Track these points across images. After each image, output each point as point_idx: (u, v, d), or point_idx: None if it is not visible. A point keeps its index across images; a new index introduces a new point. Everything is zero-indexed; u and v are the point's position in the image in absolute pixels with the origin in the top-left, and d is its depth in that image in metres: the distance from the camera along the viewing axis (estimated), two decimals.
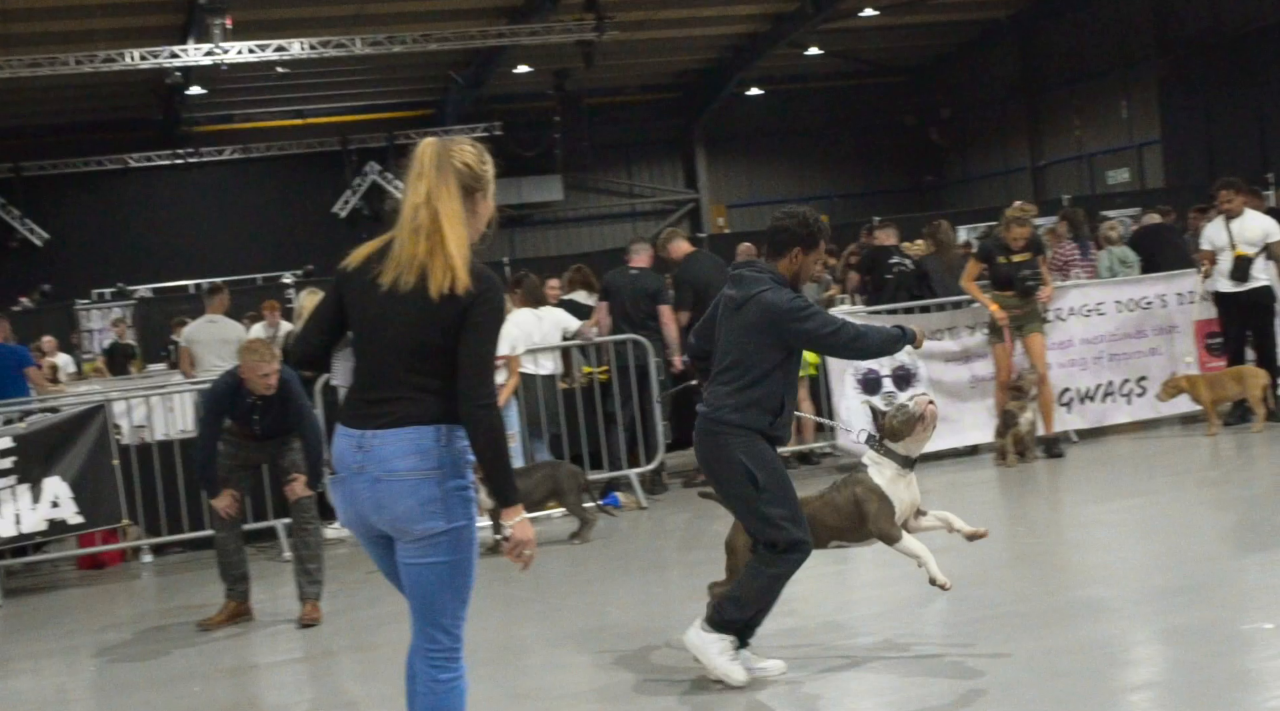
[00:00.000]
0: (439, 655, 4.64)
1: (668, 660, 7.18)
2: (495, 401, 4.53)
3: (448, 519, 4.51)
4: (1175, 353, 13.50)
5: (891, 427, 6.88)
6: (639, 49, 34.79)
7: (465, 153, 4.61)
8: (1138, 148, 36.21)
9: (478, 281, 4.48)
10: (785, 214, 6.73)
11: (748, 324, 6.50)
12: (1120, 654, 6.52)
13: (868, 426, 7.10)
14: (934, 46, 41.11)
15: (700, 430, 6.67)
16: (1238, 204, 13.02)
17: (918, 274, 14.26)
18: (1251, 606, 7.02)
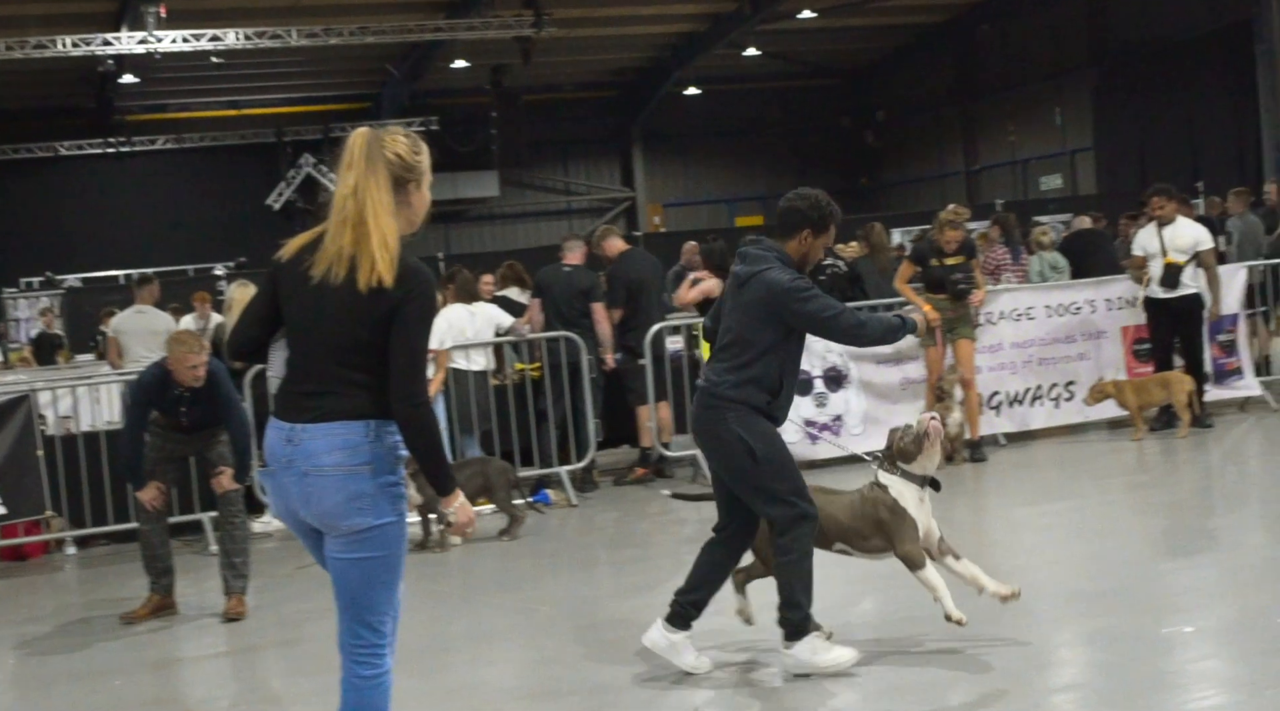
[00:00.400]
0: (363, 651, 4.61)
1: (595, 656, 7.18)
2: (427, 400, 4.51)
3: (376, 515, 4.49)
4: (1103, 358, 13.63)
5: (902, 450, 6.84)
6: (577, 46, 34.77)
7: (397, 143, 4.57)
8: (1071, 154, 36.56)
9: (408, 276, 4.45)
10: (797, 195, 6.73)
11: (749, 301, 6.50)
12: (1043, 656, 6.56)
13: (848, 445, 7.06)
14: (871, 50, 41.32)
15: (698, 405, 6.66)
16: (1170, 211, 13.15)
17: (850, 276, 14.30)
18: (1173, 610, 7.10)
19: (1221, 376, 13.95)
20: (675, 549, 10.28)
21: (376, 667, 4.62)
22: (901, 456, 6.83)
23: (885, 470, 6.86)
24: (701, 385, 6.66)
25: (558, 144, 41.05)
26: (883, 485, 6.84)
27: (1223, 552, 8.68)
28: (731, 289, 6.66)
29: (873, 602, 8.06)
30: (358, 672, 4.61)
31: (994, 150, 39.64)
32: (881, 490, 6.83)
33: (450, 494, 4.60)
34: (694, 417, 6.71)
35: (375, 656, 4.62)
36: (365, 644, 4.60)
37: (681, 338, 13.40)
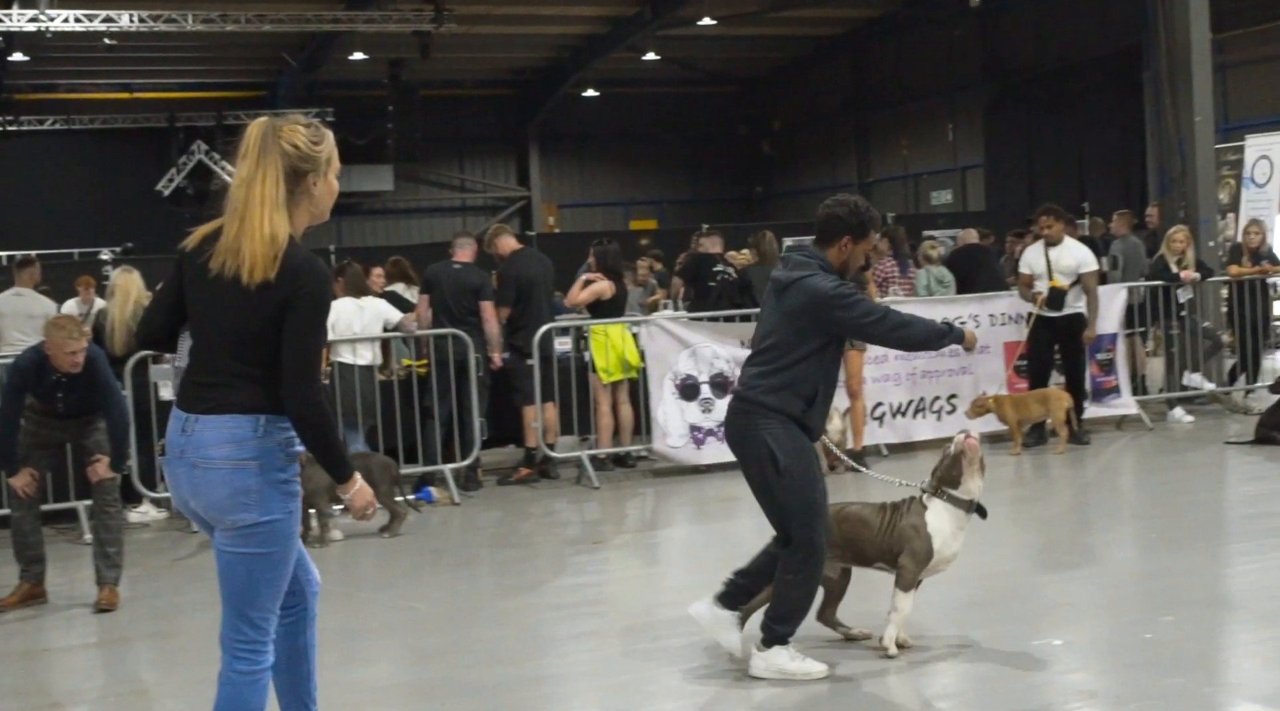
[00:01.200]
0: (243, 647, 4.58)
1: (473, 656, 7.16)
2: (319, 399, 4.48)
3: (262, 511, 4.46)
4: (985, 372, 13.81)
5: (945, 475, 6.85)
6: (477, 43, 34.63)
7: (296, 133, 4.53)
8: (961, 170, 37.01)
9: (298, 272, 4.41)
10: (836, 202, 6.67)
11: (790, 308, 6.44)
12: (917, 666, 6.63)
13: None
14: (769, 59, 41.56)
15: (732, 409, 6.61)
16: (1057, 230, 13.34)
17: (740, 283, 14.40)
18: (1045, 622, 7.21)
19: (1099, 394, 14.19)
20: (557, 550, 10.30)
21: (255, 664, 4.59)
22: (947, 481, 6.83)
23: (931, 494, 6.87)
24: (736, 389, 6.62)
25: (454, 140, 40.85)
26: (923, 504, 6.87)
27: (1095, 568, 8.82)
28: (771, 294, 6.61)
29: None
30: (236, 667, 4.58)
31: (886, 163, 40.03)
32: (919, 510, 6.85)
33: (347, 480, 4.61)
34: (728, 422, 6.64)
35: (255, 653, 4.58)
36: (246, 640, 4.57)
37: (570, 339, 13.40)
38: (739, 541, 10.46)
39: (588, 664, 7.05)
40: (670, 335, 12.85)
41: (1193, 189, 16.06)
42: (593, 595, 8.65)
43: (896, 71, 38.64)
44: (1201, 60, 16.10)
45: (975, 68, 35.75)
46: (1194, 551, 8.86)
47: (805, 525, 6.40)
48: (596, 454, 12.94)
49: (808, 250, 6.65)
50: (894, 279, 15.69)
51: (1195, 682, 6.08)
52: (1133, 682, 6.15)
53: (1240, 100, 28.90)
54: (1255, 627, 6.93)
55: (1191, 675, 6.18)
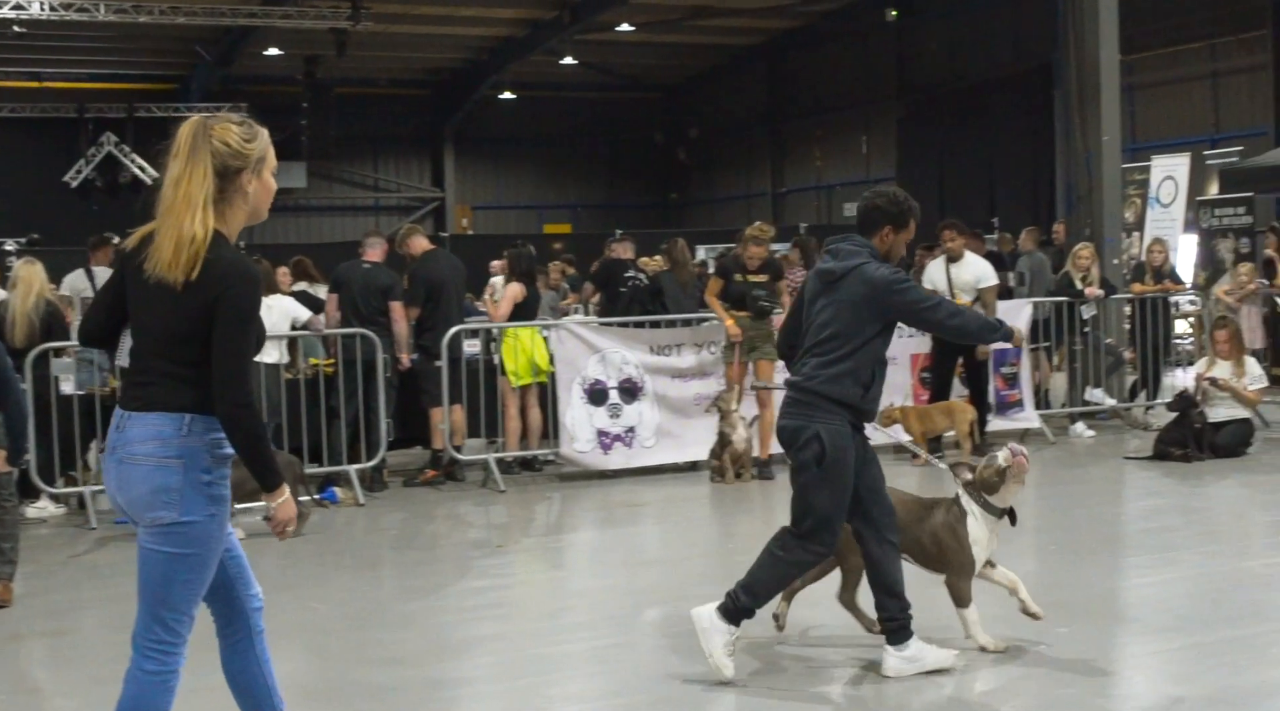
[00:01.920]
0: (153, 646, 4.55)
1: (374, 657, 7.13)
2: (250, 400, 4.45)
3: (181, 511, 4.43)
4: (891, 383, 13.88)
5: (984, 480, 6.89)
6: (394, 42, 34.49)
7: (228, 131, 4.51)
8: (874, 182, 37.18)
9: (226, 272, 4.41)
10: (875, 193, 6.71)
11: (847, 296, 6.45)
12: (814, 673, 6.68)
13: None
14: (687, 67, 41.70)
15: (790, 399, 6.59)
16: (959, 245, 13.49)
17: (652, 289, 14.45)
18: (941, 631, 7.27)
19: (1003, 408, 14.36)
20: (462, 553, 10.28)
21: (164, 665, 4.55)
22: (984, 487, 6.87)
23: (969, 496, 6.90)
24: (793, 380, 6.60)
25: (369, 139, 40.65)
26: (963, 511, 6.89)
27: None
28: (820, 285, 6.61)
29: (655, 613, 8.14)
30: (144, 666, 4.55)
31: (800, 174, 40.28)
32: (959, 517, 6.88)
33: (274, 489, 4.55)
34: (785, 410, 6.63)
35: (165, 653, 4.55)
36: (157, 639, 4.54)
37: (479, 341, 13.36)
38: (644, 546, 10.54)
39: (490, 667, 7.05)
40: (580, 340, 12.87)
41: (1099, 207, 16.31)
42: (496, 598, 8.65)
43: (812, 83, 38.90)
44: (1110, 81, 16.35)
45: (890, 81, 36.08)
46: (1091, 564, 8.99)
47: (822, 524, 6.46)
48: (503, 457, 12.93)
49: (855, 240, 6.65)
50: None
51: (1087, 693, 6.17)
52: (1026, 692, 6.24)
53: (1148, 121, 29.36)
54: (1148, 640, 7.04)
55: (1084, 686, 6.28)
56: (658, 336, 13.27)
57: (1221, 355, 13.33)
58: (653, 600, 8.42)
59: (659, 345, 13.16)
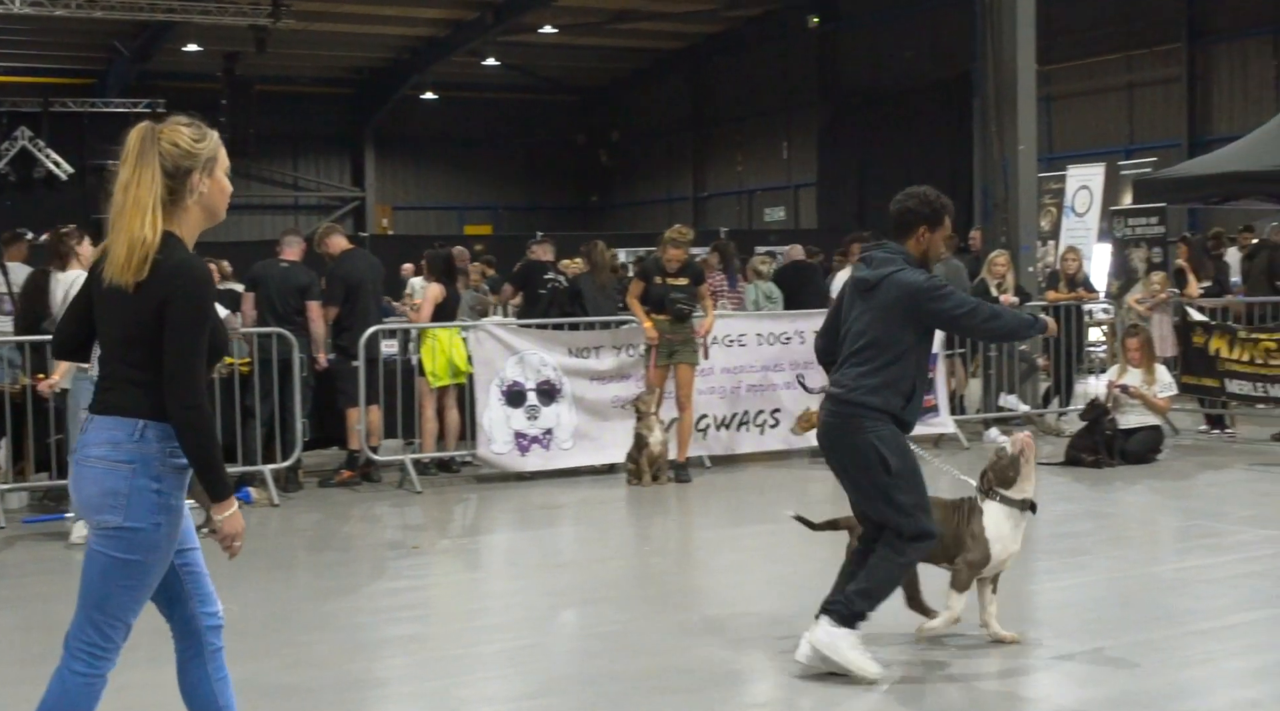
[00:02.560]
0: (83, 647, 4.51)
1: (285, 658, 7.09)
2: (200, 402, 4.40)
3: (126, 516, 4.39)
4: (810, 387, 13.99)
5: (1001, 475, 6.92)
6: (315, 40, 34.32)
7: (177, 132, 4.52)
8: (795, 188, 37.53)
9: (175, 273, 4.39)
10: (906, 195, 6.71)
11: (884, 304, 6.45)
12: (728, 676, 6.71)
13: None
14: (609, 70, 41.76)
15: (832, 412, 6.56)
16: None
17: (571, 291, 14.46)
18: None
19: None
20: (377, 554, 10.23)
21: (92, 668, 4.52)
22: (1001, 481, 6.91)
23: (984, 496, 6.95)
24: (834, 391, 6.57)
25: (289, 138, 40.41)
26: (978, 507, 6.94)
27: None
28: (856, 293, 6.61)
29: (571, 616, 8.15)
30: (72, 666, 4.52)
31: (722, 179, 40.45)
32: (976, 516, 6.93)
33: (221, 501, 4.50)
34: (826, 425, 6.61)
35: (94, 657, 4.51)
36: (88, 641, 4.51)
37: (397, 341, 13.31)
38: (560, 548, 10.54)
39: (405, 668, 7.02)
40: (498, 341, 12.85)
41: (1014, 215, 16.49)
42: (412, 599, 8.62)
43: (734, 88, 39.07)
44: (1027, 91, 16.53)
45: (811, 88, 36.30)
46: None
47: (919, 518, 6.49)
48: (420, 458, 12.88)
49: (891, 246, 6.66)
50: (723, 293, 15.85)
51: (996, 696, 6.25)
52: (936, 695, 6.30)
53: (1064, 131, 29.75)
54: (1057, 643, 7.12)
55: (994, 688, 6.34)
56: (576, 338, 13.28)
57: (1133, 363, 13.50)
58: (568, 602, 8.43)
59: (577, 347, 13.17)
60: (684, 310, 12.63)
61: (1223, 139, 24.29)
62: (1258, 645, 6.97)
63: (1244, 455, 13.76)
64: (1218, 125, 27.34)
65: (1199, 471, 12.78)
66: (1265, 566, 7.94)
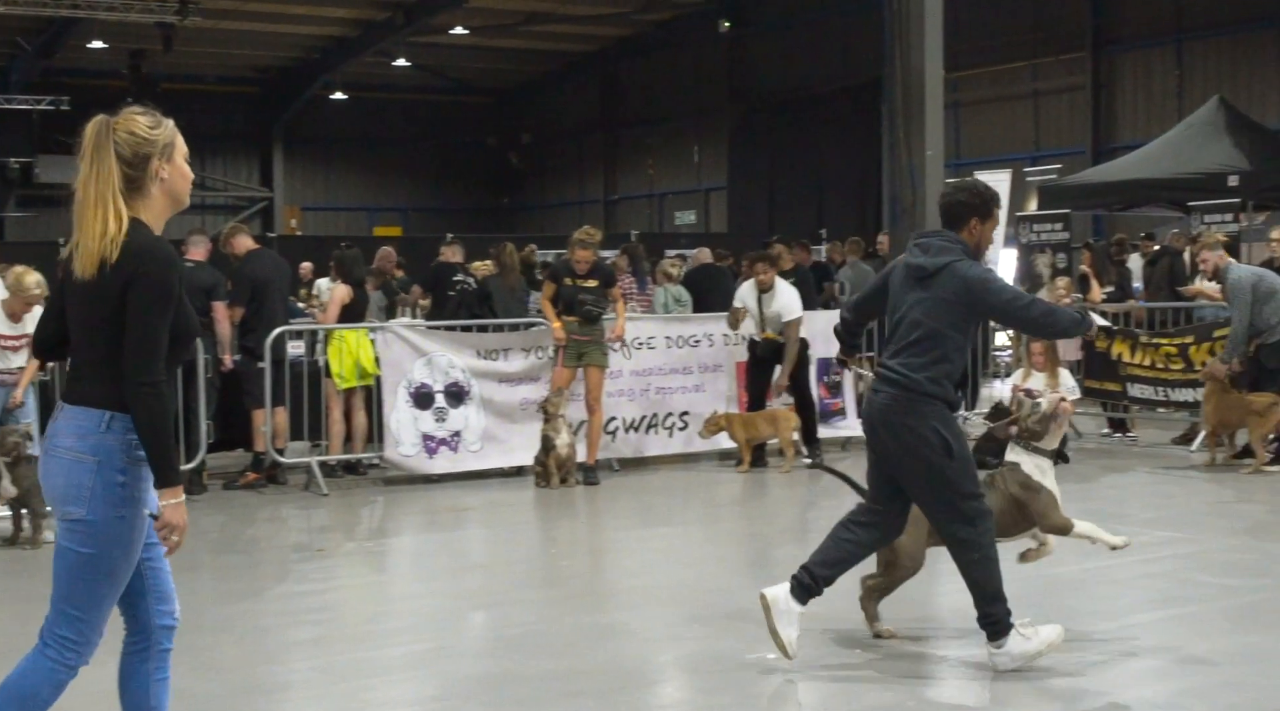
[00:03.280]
0: (54, 638, 4.53)
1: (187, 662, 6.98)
2: (158, 380, 4.37)
3: (90, 509, 4.38)
4: (718, 391, 14.06)
5: (1030, 429, 7.09)
6: (223, 38, 33.99)
7: (132, 121, 4.54)
8: (705, 192, 37.64)
9: (139, 254, 4.39)
10: (955, 188, 6.77)
11: (942, 295, 6.49)
12: (635, 678, 6.71)
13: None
14: (521, 72, 41.69)
15: (890, 399, 6.56)
16: (769, 278, 13.46)
17: (480, 293, 14.41)
18: (760, 636, 7.34)
19: (826, 416, 14.56)
20: (282, 556, 10.15)
21: (61, 659, 4.53)
22: (1029, 435, 7.09)
23: (1019, 447, 7.12)
24: (890, 377, 6.57)
25: (195, 137, 38.82)
26: (1013, 464, 7.11)
27: None
28: (910, 280, 6.62)
29: (481, 617, 8.12)
30: (44, 652, 4.55)
31: (633, 182, 40.49)
32: (1013, 469, 7.11)
33: (169, 486, 4.42)
34: (882, 408, 6.61)
35: (65, 649, 4.53)
36: (60, 634, 4.52)
37: (304, 342, 13.20)
38: (468, 551, 10.51)
39: (309, 672, 6.96)
40: (406, 343, 12.78)
41: (922, 220, 16.60)
42: (317, 603, 8.55)
43: (645, 91, 39.14)
44: (935, 97, 16.69)
45: (722, 91, 36.43)
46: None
47: (976, 498, 6.57)
48: (327, 460, 12.79)
49: (946, 235, 6.69)
50: (632, 295, 15.87)
51: (903, 697, 6.28)
52: (842, 695, 6.33)
53: (971, 138, 30.05)
54: (962, 644, 7.18)
55: (899, 689, 6.38)
56: (485, 340, 13.24)
57: (1037, 367, 13.65)
58: (476, 604, 8.40)
59: (486, 349, 13.13)
60: (593, 312, 12.63)
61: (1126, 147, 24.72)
62: (1158, 645, 7.06)
63: (1145, 458, 13.96)
64: (1121, 133, 27.74)
65: (1101, 474, 12.94)
66: (1166, 567, 8.05)
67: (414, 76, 39.39)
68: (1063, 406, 7.15)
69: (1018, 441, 7.19)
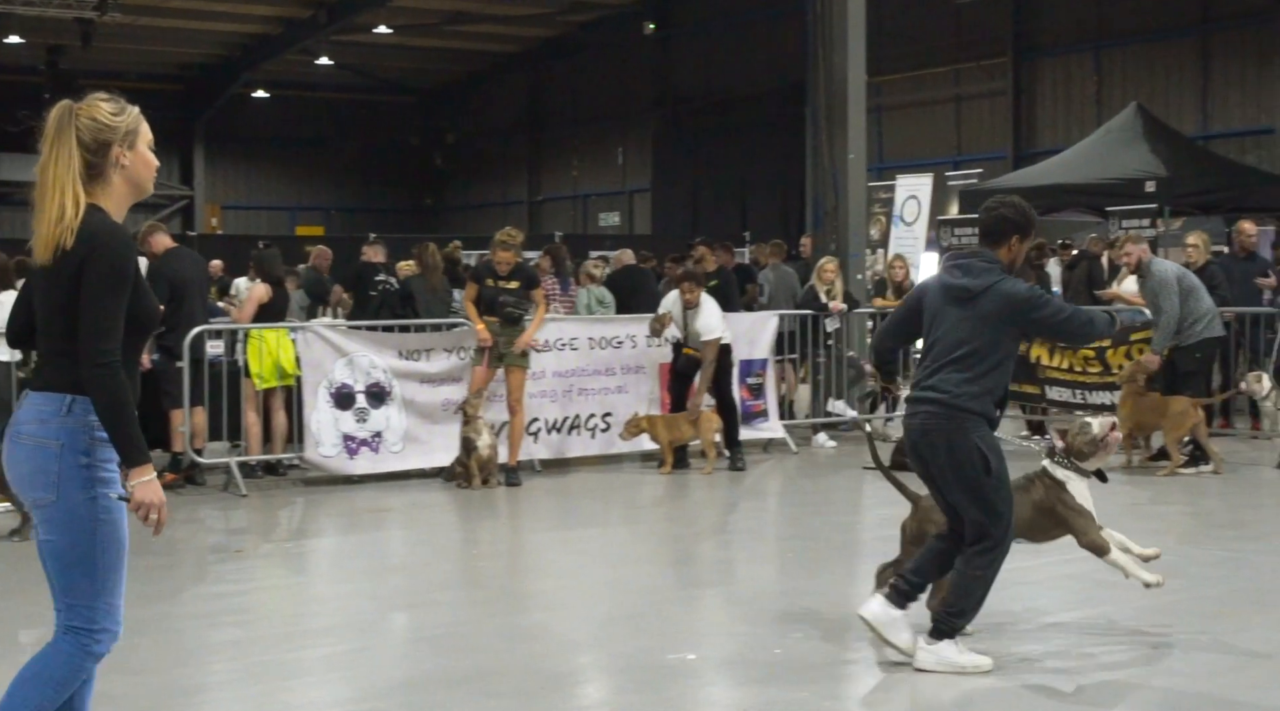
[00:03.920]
0: (67, 627, 4.51)
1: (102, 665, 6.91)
2: (113, 360, 4.36)
3: (58, 494, 4.38)
4: (640, 392, 14.07)
5: (1077, 448, 7.14)
6: (143, 35, 33.66)
7: (94, 108, 4.54)
8: (630, 193, 37.70)
9: (94, 236, 4.39)
10: (999, 203, 6.80)
11: (986, 314, 6.57)
12: (554, 679, 6.70)
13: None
14: (445, 72, 41.57)
15: (932, 414, 6.62)
16: (694, 297, 13.46)
17: (402, 294, 14.35)
18: (681, 638, 7.38)
19: (748, 418, 14.60)
20: (200, 558, 10.06)
21: (78, 646, 4.51)
22: (1076, 454, 7.16)
23: (1059, 465, 7.18)
24: (933, 395, 6.62)
25: None
26: (1058, 480, 7.16)
27: (733, 585, 9.08)
28: (950, 301, 6.69)
29: (402, 619, 8.09)
30: (57, 643, 4.53)
31: (557, 183, 40.48)
32: (1057, 485, 7.16)
33: (136, 465, 4.41)
34: (921, 427, 6.67)
35: (79, 637, 4.51)
36: (69, 623, 4.50)
37: (223, 342, 13.09)
38: (388, 552, 10.46)
39: (228, 673, 6.91)
40: (327, 343, 12.70)
41: (844, 223, 16.72)
42: (235, 604, 8.48)
43: (571, 93, 39.14)
44: (857, 101, 16.78)
45: (647, 94, 36.49)
46: (828, 571, 9.22)
47: (1004, 523, 6.63)
48: (246, 461, 12.69)
49: (985, 255, 6.75)
50: (555, 296, 15.86)
51: (818, 696, 6.32)
52: (760, 696, 6.35)
53: (894, 142, 30.26)
54: (878, 644, 7.23)
55: (815, 688, 6.42)
56: (407, 341, 13.18)
57: None
58: (396, 605, 8.37)
59: (408, 350, 13.07)
60: (514, 313, 12.60)
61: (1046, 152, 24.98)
62: (1072, 646, 7.14)
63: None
64: (1041, 138, 28.03)
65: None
66: (1082, 568, 8.13)
67: (337, 75, 39.18)
68: (1113, 436, 7.24)
69: (1062, 458, 7.25)
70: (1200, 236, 14.52)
